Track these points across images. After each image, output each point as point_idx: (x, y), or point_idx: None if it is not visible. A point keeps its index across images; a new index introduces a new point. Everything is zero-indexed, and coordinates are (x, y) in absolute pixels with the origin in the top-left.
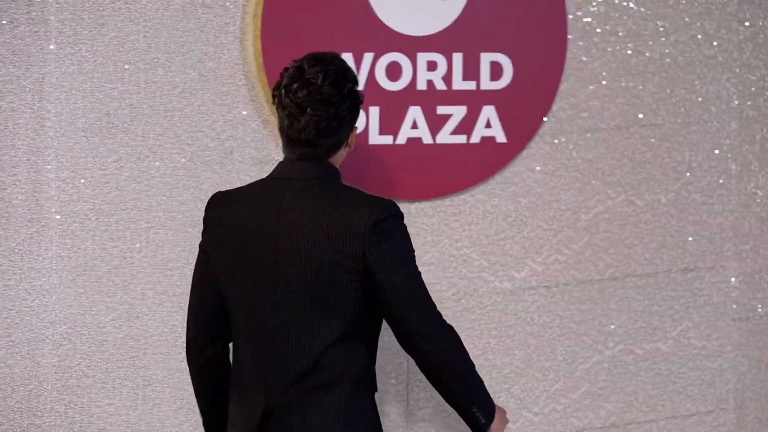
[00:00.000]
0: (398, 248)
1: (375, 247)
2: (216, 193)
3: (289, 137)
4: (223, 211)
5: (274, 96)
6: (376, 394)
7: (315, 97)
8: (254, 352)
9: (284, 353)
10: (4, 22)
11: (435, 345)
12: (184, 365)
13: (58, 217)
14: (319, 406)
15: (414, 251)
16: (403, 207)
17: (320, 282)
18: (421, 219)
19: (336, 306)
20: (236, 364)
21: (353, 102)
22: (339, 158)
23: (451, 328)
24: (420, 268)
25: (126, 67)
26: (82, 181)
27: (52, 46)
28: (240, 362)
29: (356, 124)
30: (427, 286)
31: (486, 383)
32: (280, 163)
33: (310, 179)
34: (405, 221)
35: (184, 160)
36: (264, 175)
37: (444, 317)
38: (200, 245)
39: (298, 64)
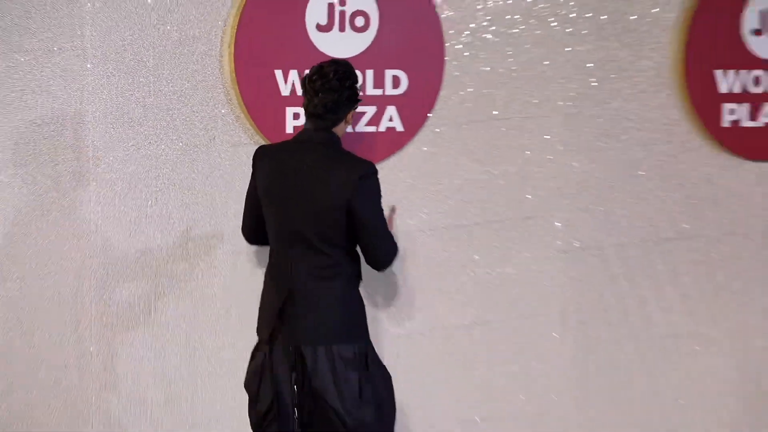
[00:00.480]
0: (373, 194)
1: (358, 192)
2: (260, 146)
3: (307, 112)
4: (264, 159)
5: (303, 84)
6: None
7: (325, 86)
8: (283, 254)
9: (305, 256)
10: (55, 48)
11: (385, 267)
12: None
13: (95, 183)
14: (327, 290)
15: (381, 197)
16: None
17: (326, 212)
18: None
19: (337, 228)
20: (271, 260)
21: (351, 93)
22: (340, 130)
23: (397, 251)
24: None
25: (141, 79)
26: (111, 158)
27: (89, 65)
28: (273, 260)
29: (354, 109)
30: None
31: (387, 293)
32: (302, 131)
33: (319, 143)
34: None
35: (181, 144)
36: (238, 155)
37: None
38: (252, 176)
39: (321, 64)
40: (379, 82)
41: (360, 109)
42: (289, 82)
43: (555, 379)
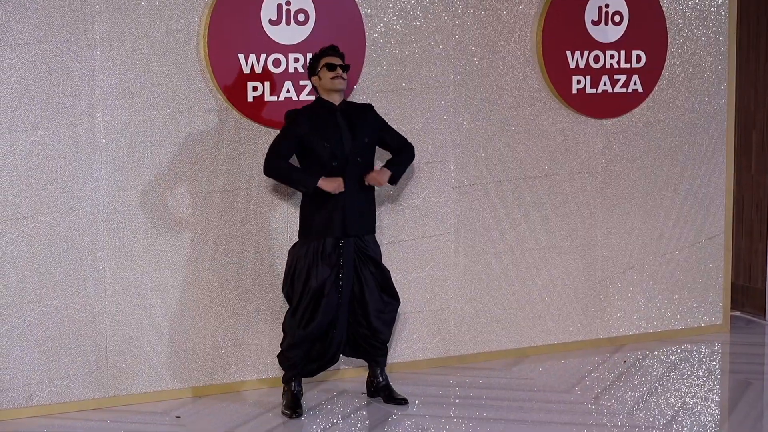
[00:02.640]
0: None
1: None
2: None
3: None
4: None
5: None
6: None
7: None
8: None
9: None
10: (72, 39)
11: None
12: (160, 223)
13: (104, 141)
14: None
15: (283, 129)
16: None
17: None
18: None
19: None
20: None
21: (309, 66)
22: (318, 89)
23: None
24: None
25: (137, 62)
26: (117, 121)
27: (98, 52)
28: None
29: (316, 76)
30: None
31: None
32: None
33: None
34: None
35: (169, 110)
36: (210, 118)
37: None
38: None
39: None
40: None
41: (304, 83)
42: (249, 63)
43: (451, 283)
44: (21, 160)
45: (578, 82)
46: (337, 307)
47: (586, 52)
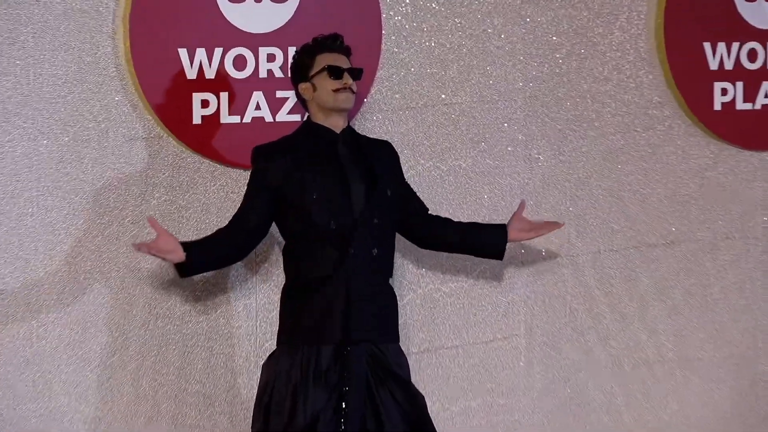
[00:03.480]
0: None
1: None
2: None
3: None
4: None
5: None
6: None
7: None
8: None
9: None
10: None
11: None
12: (71, 307)
13: None
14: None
15: (251, 181)
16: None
17: None
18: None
19: None
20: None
21: (295, 66)
22: (309, 105)
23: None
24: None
25: (17, 62)
26: None
27: None
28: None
29: (308, 84)
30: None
31: None
32: None
33: None
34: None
35: (67, 138)
36: (135, 151)
37: None
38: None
39: None
40: None
41: (282, 95)
42: (196, 63)
43: (522, 416)
44: None
45: (723, 92)
46: None
47: (735, 45)
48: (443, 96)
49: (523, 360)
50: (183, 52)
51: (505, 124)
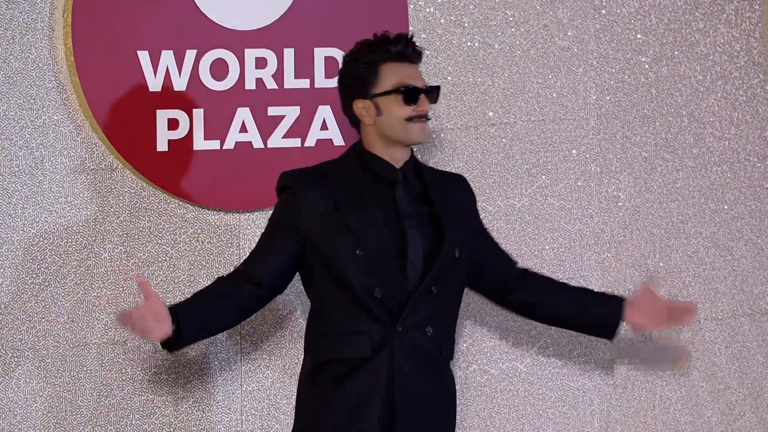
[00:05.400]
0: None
1: None
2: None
3: None
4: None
5: None
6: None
7: None
8: None
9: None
10: None
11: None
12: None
13: None
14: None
15: (274, 218)
16: (233, 218)
17: None
18: (252, 230)
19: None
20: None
21: (350, 72)
22: (365, 129)
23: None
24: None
25: None
26: None
27: None
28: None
29: (369, 102)
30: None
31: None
32: None
33: None
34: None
35: None
36: (79, 185)
37: None
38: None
39: None
40: (304, 69)
41: (276, 112)
42: (162, 70)
43: None
44: None
45: None
46: None
47: None
48: (490, 114)
49: None
50: (144, 56)
51: (574, 151)
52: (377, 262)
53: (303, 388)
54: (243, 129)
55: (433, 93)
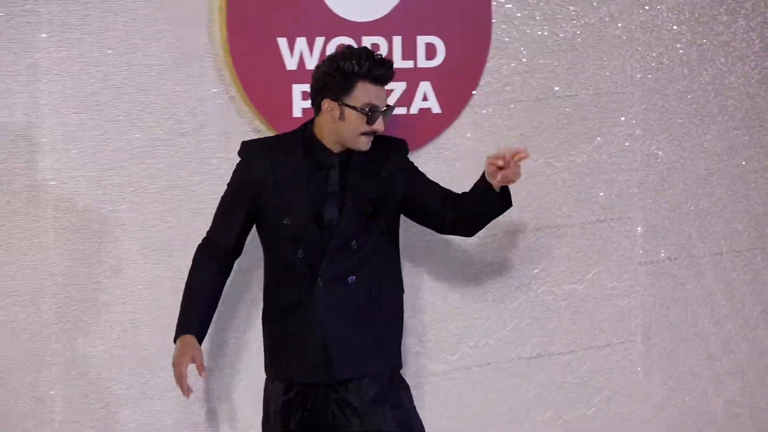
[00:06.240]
0: None
1: None
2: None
3: None
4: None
5: None
6: None
7: None
8: None
9: None
10: (1, 14)
11: None
12: (166, 309)
13: (54, 183)
14: None
15: (230, 185)
16: None
17: None
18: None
19: None
20: None
21: (321, 78)
22: (321, 124)
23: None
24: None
25: (109, 51)
26: (74, 152)
27: (43, 35)
28: None
29: (336, 103)
30: None
31: (425, 323)
32: None
33: None
34: None
35: (161, 132)
36: (231, 146)
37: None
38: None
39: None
40: (409, 52)
41: (387, 86)
42: (296, 53)
43: (640, 427)
44: None
45: None
46: None
47: None
48: (556, 88)
49: (640, 366)
50: (282, 42)
51: (623, 118)
52: (299, 229)
53: (262, 325)
54: None
55: (387, 112)
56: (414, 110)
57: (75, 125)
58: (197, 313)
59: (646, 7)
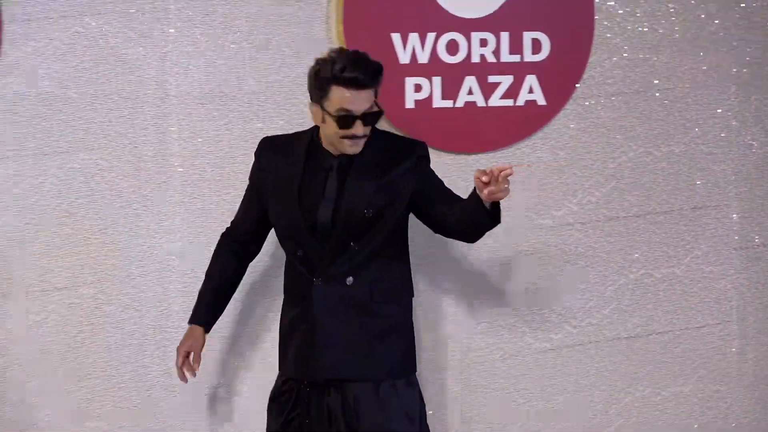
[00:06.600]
0: None
1: None
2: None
3: None
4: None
5: None
6: None
7: None
8: None
9: None
10: (132, 10)
11: None
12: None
13: (181, 169)
14: None
15: (250, 180)
16: (461, 159)
17: None
18: (476, 168)
19: None
20: None
21: (310, 82)
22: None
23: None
24: None
25: (232, 46)
26: (200, 140)
27: (172, 30)
28: None
29: (318, 107)
30: None
31: (530, 303)
32: None
33: None
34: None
35: (281, 122)
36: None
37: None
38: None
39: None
40: (515, 47)
41: (494, 79)
42: (409, 48)
43: (734, 404)
44: (52, 197)
45: None
46: None
47: None
48: (656, 81)
49: (735, 347)
50: (396, 37)
51: (719, 110)
52: (292, 229)
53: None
54: (470, 92)
55: (369, 117)
56: (520, 102)
57: (201, 115)
58: (209, 302)
59: (742, 5)
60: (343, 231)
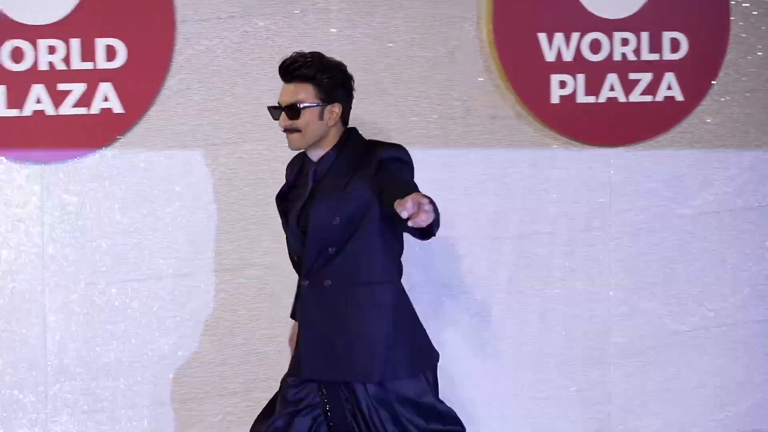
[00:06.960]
0: None
1: None
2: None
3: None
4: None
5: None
6: None
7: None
8: None
9: None
10: (296, 11)
11: None
12: None
13: None
14: None
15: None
16: (602, 152)
17: None
18: (617, 161)
19: None
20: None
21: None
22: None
23: None
24: (619, 198)
25: (390, 45)
26: (361, 131)
27: (333, 30)
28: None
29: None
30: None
31: (669, 288)
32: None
33: None
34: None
35: (435, 116)
36: (495, 129)
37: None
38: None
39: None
40: (655, 46)
41: (634, 77)
42: (554, 47)
43: None
44: (221, 184)
45: None
46: None
47: None
48: None
49: None
50: (542, 36)
51: None
52: (290, 234)
53: None
54: (611, 88)
55: (287, 110)
56: (660, 98)
57: (359, 109)
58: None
59: None
60: (315, 237)
